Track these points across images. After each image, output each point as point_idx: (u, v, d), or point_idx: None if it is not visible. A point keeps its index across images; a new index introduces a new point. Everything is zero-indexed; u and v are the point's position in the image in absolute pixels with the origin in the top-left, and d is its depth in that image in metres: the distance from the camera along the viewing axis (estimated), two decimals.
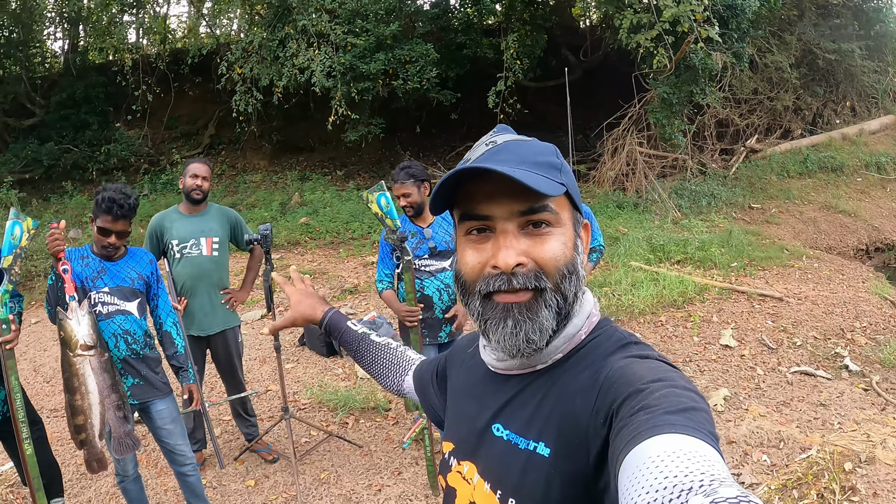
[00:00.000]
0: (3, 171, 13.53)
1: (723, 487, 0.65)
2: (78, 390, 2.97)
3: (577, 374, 1.00)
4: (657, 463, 0.70)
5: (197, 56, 13.01)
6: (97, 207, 3.23)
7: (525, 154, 1.00)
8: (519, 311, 0.99)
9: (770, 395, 5.16)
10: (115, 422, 3.05)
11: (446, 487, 1.19)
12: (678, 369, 0.93)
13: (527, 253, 0.98)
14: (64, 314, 2.96)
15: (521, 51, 12.39)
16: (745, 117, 13.45)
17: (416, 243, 4.00)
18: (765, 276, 8.20)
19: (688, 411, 0.79)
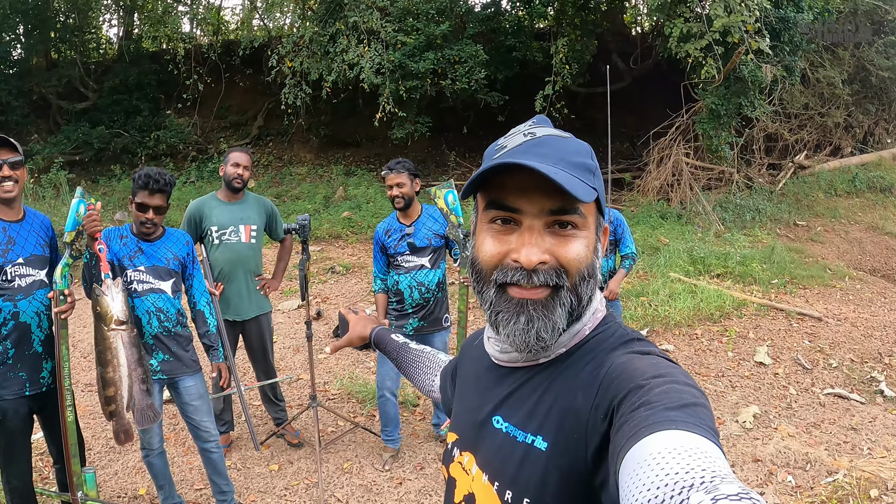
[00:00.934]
0: (54, 151, 13.93)
1: (724, 484, 0.64)
2: (110, 363, 3.09)
3: (579, 369, 1.00)
4: (658, 460, 0.70)
5: (248, 48, 13.22)
6: (135, 185, 3.37)
7: (564, 152, 0.99)
8: (534, 307, 0.98)
9: (801, 416, 5.10)
10: (139, 394, 3.18)
11: (448, 477, 1.20)
12: (678, 365, 0.93)
13: (550, 252, 0.98)
14: (100, 290, 3.08)
15: (571, 56, 12.35)
16: (795, 132, 13.24)
17: (398, 240, 4.21)
18: (805, 294, 8.08)
19: (688, 407, 0.79)
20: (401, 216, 4.28)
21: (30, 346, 3.16)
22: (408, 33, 11.70)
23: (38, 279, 3.20)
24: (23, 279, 3.14)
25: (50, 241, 3.36)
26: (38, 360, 3.20)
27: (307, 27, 12.44)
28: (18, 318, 3.10)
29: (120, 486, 4.25)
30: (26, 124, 15.28)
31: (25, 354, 3.15)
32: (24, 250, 3.17)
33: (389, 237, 4.27)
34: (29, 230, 3.23)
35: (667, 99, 12.12)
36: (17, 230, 3.17)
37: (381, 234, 4.31)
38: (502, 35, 13.14)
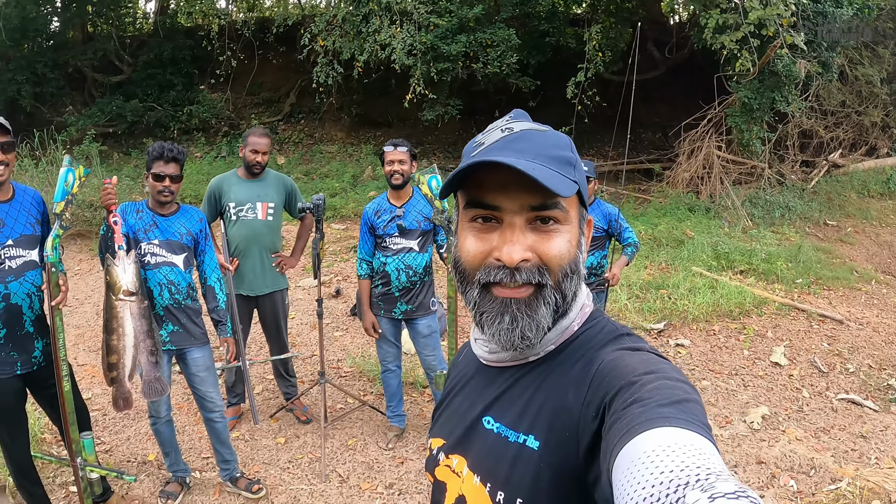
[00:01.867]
0: (88, 123, 14.13)
1: (720, 482, 0.64)
2: (115, 331, 3.17)
3: (569, 366, 1.00)
4: (652, 458, 0.70)
5: (282, 26, 13.25)
6: (150, 158, 3.53)
7: (542, 146, 0.98)
8: (518, 306, 0.98)
9: (811, 420, 5.03)
10: (147, 366, 3.29)
11: (434, 482, 1.18)
12: (669, 361, 0.93)
13: (532, 248, 0.97)
14: (111, 261, 3.15)
15: (604, 43, 12.20)
16: (831, 130, 12.96)
17: (388, 221, 4.23)
18: (829, 296, 7.95)
19: (681, 403, 0.78)
20: (392, 197, 4.31)
21: (21, 326, 3.22)
22: (440, 15, 11.64)
23: (30, 259, 3.24)
24: (13, 261, 3.17)
25: (42, 216, 3.39)
26: (29, 341, 3.27)
27: (340, 6, 12.43)
28: (9, 300, 3.15)
29: (130, 452, 4.49)
30: (61, 96, 15.54)
31: (17, 335, 3.21)
32: (14, 231, 3.19)
33: (379, 217, 4.29)
34: (19, 209, 3.25)
35: (701, 90, 11.94)
36: (6, 211, 3.19)
37: (370, 215, 4.34)
38: (536, 20, 13.00)
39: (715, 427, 4.82)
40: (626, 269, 8.23)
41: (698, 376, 5.69)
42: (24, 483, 3.52)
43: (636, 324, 6.74)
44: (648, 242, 9.42)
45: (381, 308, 4.38)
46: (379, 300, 4.38)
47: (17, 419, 3.37)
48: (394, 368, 4.53)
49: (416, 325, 4.40)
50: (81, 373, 5.65)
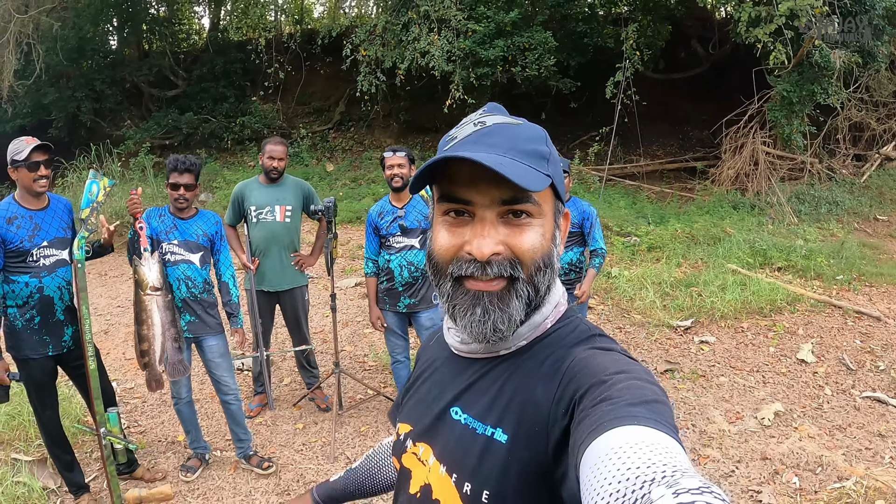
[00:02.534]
0: (145, 136, 14.75)
1: (685, 478, 0.65)
2: (145, 322, 3.68)
3: (539, 362, 1.00)
4: (619, 454, 0.71)
5: (328, 37, 13.56)
6: (168, 170, 3.99)
7: (514, 140, 0.98)
8: (489, 299, 0.98)
9: (828, 417, 4.95)
10: (171, 351, 3.79)
11: (400, 468, 1.19)
12: (640, 363, 0.93)
13: (504, 242, 0.97)
14: (138, 261, 3.65)
15: (642, 42, 12.13)
16: (883, 122, 12.54)
17: (390, 222, 4.49)
18: (870, 292, 7.74)
19: (650, 403, 0.79)
20: (393, 199, 4.58)
21: (53, 314, 3.70)
22: (478, 21, 11.74)
23: (61, 258, 3.74)
24: (47, 259, 3.68)
25: (72, 221, 3.88)
26: (60, 327, 3.75)
27: (381, 16, 12.65)
28: (43, 292, 3.65)
29: (163, 433, 4.97)
30: (120, 111, 16.24)
31: (49, 322, 3.71)
32: (49, 234, 3.70)
33: (382, 219, 4.56)
34: (53, 216, 3.76)
35: (745, 85, 11.73)
36: (42, 217, 3.70)
37: (374, 216, 4.61)
38: (573, 21, 12.99)
39: (724, 422, 4.80)
40: (657, 268, 8.23)
41: (717, 372, 5.65)
42: (55, 451, 3.94)
43: (662, 321, 6.72)
44: (684, 240, 9.34)
45: (386, 303, 4.66)
46: (384, 295, 4.65)
47: (49, 393, 3.83)
48: (402, 360, 4.78)
49: (418, 318, 4.65)
50: (128, 366, 6.15)
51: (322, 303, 7.60)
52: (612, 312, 7.17)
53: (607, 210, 10.54)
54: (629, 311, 7.17)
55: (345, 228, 10.61)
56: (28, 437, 4.59)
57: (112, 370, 5.97)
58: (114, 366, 6.14)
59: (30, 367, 3.68)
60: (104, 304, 8.05)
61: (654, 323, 6.75)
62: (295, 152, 14.60)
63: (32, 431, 4.54)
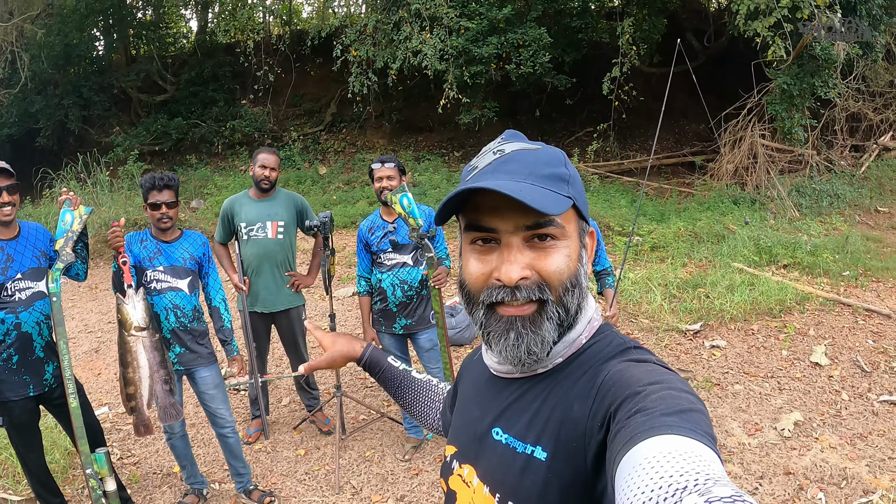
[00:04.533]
0: (134, 143, 14.56)
1: (717, 486, 0.65)
2: (130, 364, 3.35)
3: (576, 378, 1.01)
4: (653, 464, 0.71)
5: (317, 38, 13.37)
6: (144, 190, 3.68)
7: (533, 165, 1.00)
8: (522, 323, 0.99)
9: (848, 425, 4.81)
10: (161, 394, 3.46)
11: (447, 491, 1.20)
12: (675, 372, 0.93)
13: (531, 266, 0.99)
14: (122, 299, 3.32)
15: (638, 36, 12.00)
16: (880, 112, 12.45)
17: (381, 237, 4.26)
18: (877, 288, 7.63)
19: (685, 412, 0.79)
20: (384, 213, 4.34)
21: (32, 352, 3.45)
22: (470, 18, 11.60)
23: (37, 290, 3.48)
24: (23, 292, 3.42)
25: (50, 247, 3.60)
26: (40, 365, 3.51)
27: (371, 15, 12.48)
28: (21, 329, 3.40)
29: (157, 464, 4.66)
30: (108, 117, 16.04)
31: (28, 360, 3.46)
32: (22, 265, 3.44)
33: (373, 234, 4.33)
34: (25, 245, 3.50)
35: (744, 78, 11.60)
36: (14, 247, 3.44)
37: (364, 232, 4.38)
38: (567, 17, 12.82)
39: (743, 434, 4.66)
40: (662, 268, 8.11)
41: (731, 380, 5.51)
42: (43, 494, 3.76)
43: (671, 325, 6.58)
44: (688, 239, 9.21)
45: (381, 324, 4.43)
46: (379, 316, 4.43)
47: (32, 435, 3.59)
48: None
49: (417, 339, 4.42)
50: (114, 392, 5.83)
51: (318, 314, 7.42)
52: (620, 318, 7.01)
53: (607, 209, 10.40)
54: (636, 315, 7.02)
55: (339, 234, 10.44)
56: (17, 476, 4.33)
57: (104, 392, 5.79)
58: (105, 387, 5.92)
59: (10, 409, 3.42)
60: (94, 321, 7.82)
61: (663, 328, 6.59)
62: (286, 156, 14.40)
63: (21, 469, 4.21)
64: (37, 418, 3.59)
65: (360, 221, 10.92)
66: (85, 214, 3.40)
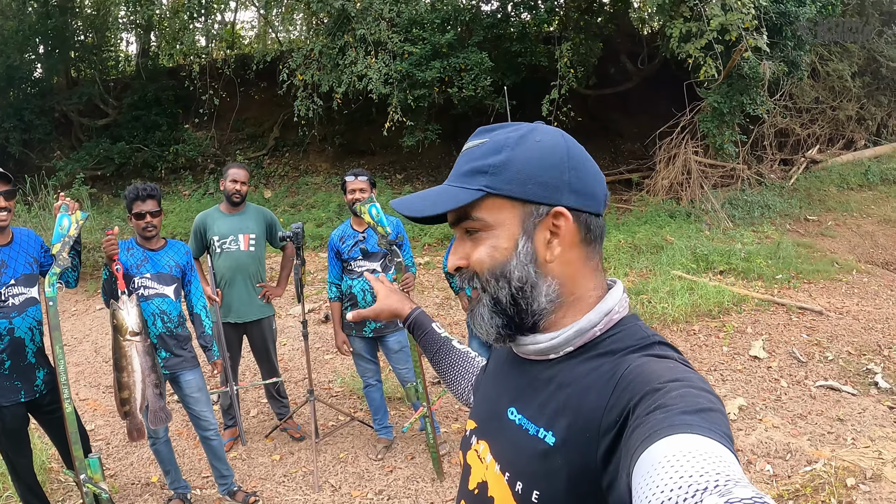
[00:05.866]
0: (76, 167, 14.33)
1: (738, 488, 0.65)
2: (125, 369, 3.47)
3: (592, 368, 1.00)
4: (672, 462, 0.71)
5: (262, 62, 13.46)
6: (128, 202, 3.83)
7: (464, 162, 1.05)
8: (473, 306, 1.10)
9: (788, 408, 5.15)
10: (152, 398, 3.58)
11: (464, 464, 1.22)
12: (696, 371, 0.94)
13: (467, 256, 1.06)
14: (117, 305, 3.45)
15: (576, 59, 12.43)
16: (806, 127, 13.16)
17: (352, 246, 4.49)
18: (809, 289, 8.08)
19: (704, 412, 0.79)
20: (354, 223, 4.59)
21: (24, 357, 3.49)
22: (414, 43, 11.86)
23: (30, 296, 3.53)
24: (16, 298, 3.46)
25: (42, 253, 3.66)
26: (31, 370, 3.53)
27: (316, 40, 12.65)
28: (13, 334, 3.42)
29: (135, 475, 4.73)
30: (49, 141, 15.73)
31: (20, 366, 3.47)
32: (16, 271, 3.49)
33: (343, 243, 4.55)
34: (18, 251, 3.54)
35: (676, 98, 12.12)
36: (7, 253, 3.49)
37: (335, 241, 4.60)
38: (508, 41, 13.21)
39: None
40: None
41: None
42: (32, 501, 3.75)
43: None
44: (628, 250, 9.56)
45: (352, 328, 4.62)
46: (348, 321, 4.54)
47: (22, 441, 3.63)
48: (374, 383, 4.74)
49: (386, 341, 4.63)
50: (84, 406, 5.88)
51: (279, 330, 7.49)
52: None
53: None
54: None
55: None
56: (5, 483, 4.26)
57: None
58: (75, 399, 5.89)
59: (2, 415, 3.45)
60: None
61: None
62: None
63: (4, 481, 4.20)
64: (26, 424, 3.62)
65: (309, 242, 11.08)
66: (81, 220, 3.46)
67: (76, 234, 3.43)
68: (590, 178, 1.06)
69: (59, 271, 3.36)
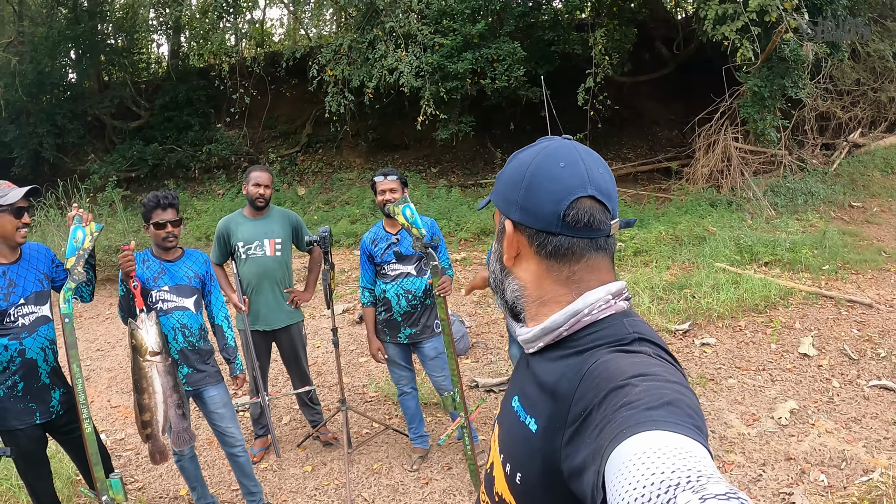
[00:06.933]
0: (110, 170, 14.48)
1: (711, 483, 0.66)
2: (146, 391, 3.31)
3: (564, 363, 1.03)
4: (643, 459, 0.72)
5: (291, 59, 13.42)
6: (146, 211, 3.69)
7: None
8: None
9: (842, 410, 4.95)
10: (175, 418, 3.44)
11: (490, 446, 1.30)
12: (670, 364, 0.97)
13: None
14: (135, 324, 3.28)
15: (610, 46, 12.18)
16: (848, 110, 12.75)
17: (385, 249, 4.31)
18: (857, 280, 7.82)
19: (670, 404, 0.80)
20: (387, 225, 4.40)
21: (38, 379, 3.37)
22: (444, 34, 11.71)
23: (41, 315, 3.40)
24: (26, 318, 3.33)
25: (53, 268, 3.56)
26: (46, 391, 3.42)
27: (345, 35, 12.56)
28: (25, 355, 3.30)
29: (163, 488, 4.64)
30: (82, 145, 15.98)
31: (34, 387, 3.36)
32: (25, 290, 3.35)
33: (376, 246, 4.37)
34: (27, 268, 3.42)
35: (713, 84, 11.81)
36: (15, 271, 3.35)
37: (367, 244, 4.42)
38: (540, 30, 12.99)
39: (741, 425, 4.77)
40: (647, 272, 8.22)
41: (724, 374, 5.63)
42: None
43: (661, 326, 6.69)
44: (670, 242, 9.35)
45: (386, 334, 4.46)
46: (383, 326, 4.46)
47: (40, 463, 3.52)
48: (409, 391, 4.59)
49: (422, 348, 4.46)
50: (115, 414, 5.84)
51: (311, 332, 7.43)
52: None
53: None
54: None
55: None
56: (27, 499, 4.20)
57: (98, 420, 5.68)
58: (99, 415, 5.84)
59: (17, 437, 3.31)
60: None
61: None
62: None
63: (24, 498, 4.14)
64: (44, 446, 3.52)
65: (343, 240, 11.02)
66: (96, 231, 3.30)
67: (91, 246, 3.27)
68: (540, 197, 1.08)
69: (74, 286, 3.21)
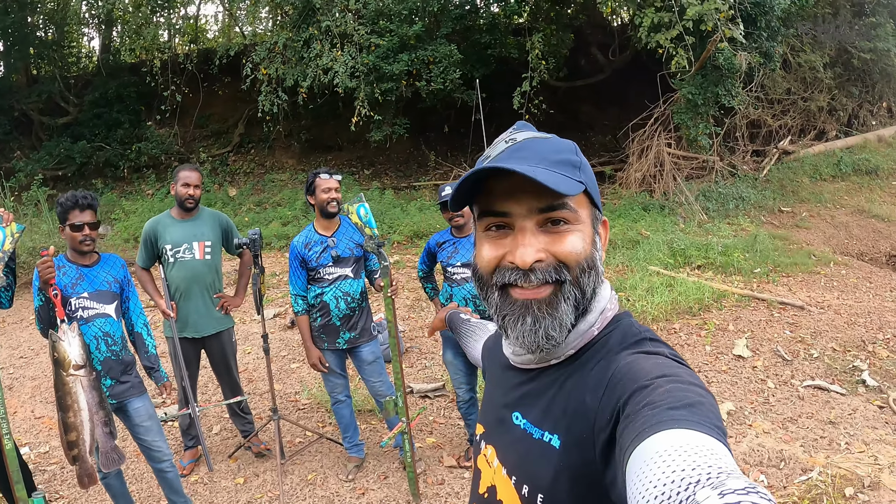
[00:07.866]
0: (36, 168, 13.89)
1: (730, 479, 0.65)
2: (71, 408, 3.06)
3: (588, 370, 1.01)
4: (664, 458, 0.71)
5: (225, 56, 13.08)
6: (62, 211, 3.42)
7: (545, 152, 1.01)
8: (538, 307, 1.00)
9: (778, 410, 4.97)
10: (102, 437, 3.18)
11: (475, 470, 1.25)
12: (687, 366, 0.94)
13: (546, 249, 0.99)
14: (57, 336, 3.04)
15: (547, 51, 12.24)
16: (778, 118, 13.11)
17: (321, 252, 4.13)
18: (788, 282, 7.95)
19: (692, 406, 0.79)
20: (320, 227, 4.21)
21: None
22: (381, 35, 11.59)
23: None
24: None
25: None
26: None
27: (280, 33, 12.31)
28: None
29: None
30: (8, 141, 15.30)
31: None
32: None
33: (310, 250, 4.15)
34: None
35: (648, 90, 11.99)
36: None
37: (300, 248, 4.18)
38: (477, 33, 12.99)
39: None
40: None
41: None
42: None
43: None
44: None
45: (324, 340, 4.25)
46: (321, 333, 4.24)
47: None
48: (343, 399, 4.40)
49: (359, 352, 4.29)
50: (39, 426, 5.50)
51: (241, 337, 7.14)
52: None
53: None
54: None
55: None
56: None
57: (21, 431, 5.36)
58: (23, 426, 5.49)
59: None
60: (5, 356, 7.28)
61: None
62: None
63: None
64: None
65: (274, 243, 10.74)
66: (17, 232, 3.09)
67: (11, 248, 3.05)
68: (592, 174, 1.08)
69: None
